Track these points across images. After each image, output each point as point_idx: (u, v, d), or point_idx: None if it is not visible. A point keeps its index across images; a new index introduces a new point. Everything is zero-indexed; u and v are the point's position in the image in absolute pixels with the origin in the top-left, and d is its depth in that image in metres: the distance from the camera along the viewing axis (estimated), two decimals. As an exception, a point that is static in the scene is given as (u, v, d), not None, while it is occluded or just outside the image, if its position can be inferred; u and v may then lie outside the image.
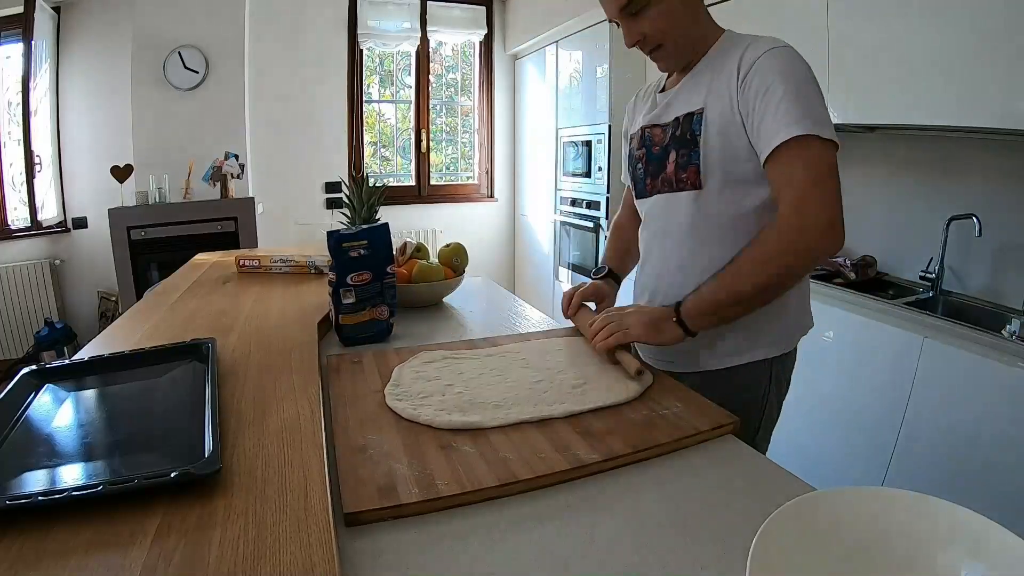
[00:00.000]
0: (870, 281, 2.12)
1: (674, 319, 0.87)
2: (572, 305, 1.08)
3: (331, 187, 4.06)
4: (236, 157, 3.49)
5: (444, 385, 0.81)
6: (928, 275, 1.99)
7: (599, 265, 1.21)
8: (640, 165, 1.03)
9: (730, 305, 0.85)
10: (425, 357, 0.92)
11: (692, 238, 0.96)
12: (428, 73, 4.33)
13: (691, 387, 0.83)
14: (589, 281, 1.15)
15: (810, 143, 0.78)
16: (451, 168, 4.67)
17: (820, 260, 0.82)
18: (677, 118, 0.95)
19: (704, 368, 0.98)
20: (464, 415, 0.71)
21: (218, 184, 3.44)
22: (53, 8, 3.41)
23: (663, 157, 0.97)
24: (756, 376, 0.97)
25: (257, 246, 3.39)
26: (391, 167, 4.49)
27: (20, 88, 3.31)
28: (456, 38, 4.34)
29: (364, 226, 1.04)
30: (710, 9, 0.96)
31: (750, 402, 0.97)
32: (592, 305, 1.12)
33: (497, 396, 0.77)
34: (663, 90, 1.02)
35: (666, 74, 1.03)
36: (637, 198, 1.07)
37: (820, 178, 0.78)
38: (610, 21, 0.95)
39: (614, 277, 1.19)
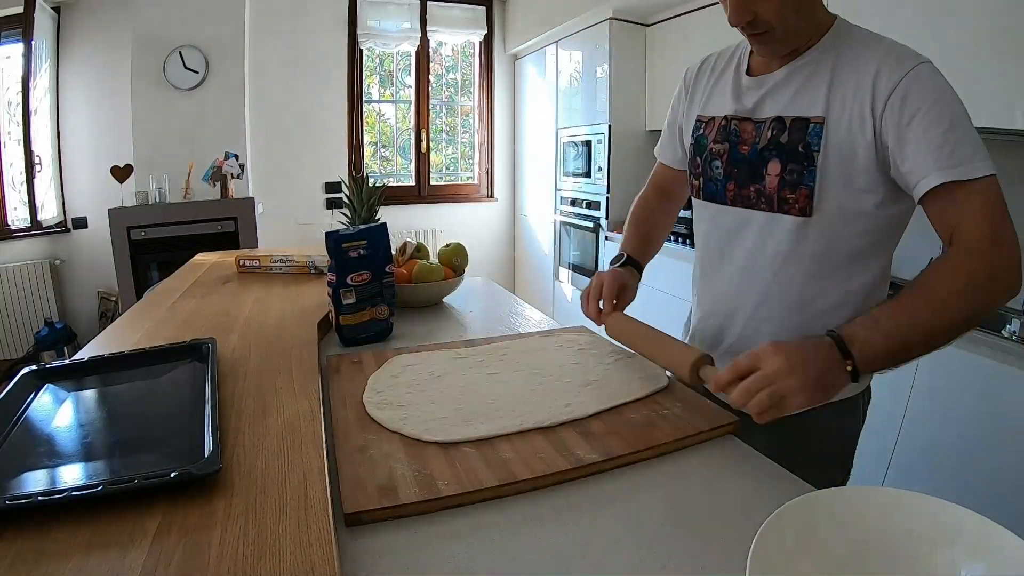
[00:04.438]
0: (870, 281, 2.11)
1: (849, 368, 0.66)
2: (603, 311, 0.93)
3: (331, 187, 4.06)
4: (236, 157, 3.49)
5: (440, 393, 0.79)
6: (928, 275, 1.99)
7: (618, 252, 1.06)
8: (719, 163, 0.88)
9: (916, 345, 0.68)
10: (405, 361, 0.91)
11: (788, 272, 0.84)
12: (428, 73, 4.33)
13: (774, 437, 0.73)
14: (607, 270, 1.00)
15: (983, 180, 0.71)
16: (451, 168, 4.67)
17: (1008, 301, 0.71)
18: (782, 119, 0.81)
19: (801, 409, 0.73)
20: (470, 427, 0.69)
21: (218, 184, 3.44)
22: (53, 8, 3.41)
23: (758, 164, 0.83)
24: (851, 413, 0.89)
25: (257, 246, 3.39)
26: (391, 167, 4.49)
27: (20, 88, 3.31)
28: (456, 38, 4.34)
29: (362, 226, 1.04)
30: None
31: (848, 441, 0.91)
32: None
33: (496, 402, 0.76)
34: (750, 71, 0.87)
35: (748, 49, 0.88)
36: (705, 199, 0.93)
37: (1004, 215, 0.72)
38: None
39: (635, 265, 1.03)
